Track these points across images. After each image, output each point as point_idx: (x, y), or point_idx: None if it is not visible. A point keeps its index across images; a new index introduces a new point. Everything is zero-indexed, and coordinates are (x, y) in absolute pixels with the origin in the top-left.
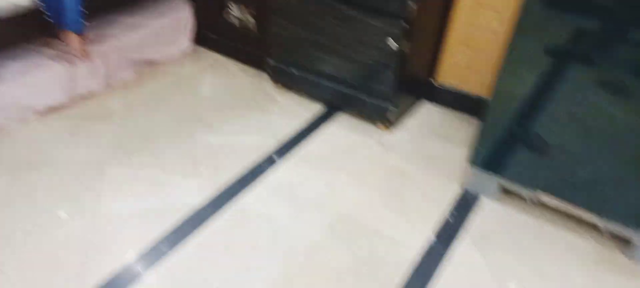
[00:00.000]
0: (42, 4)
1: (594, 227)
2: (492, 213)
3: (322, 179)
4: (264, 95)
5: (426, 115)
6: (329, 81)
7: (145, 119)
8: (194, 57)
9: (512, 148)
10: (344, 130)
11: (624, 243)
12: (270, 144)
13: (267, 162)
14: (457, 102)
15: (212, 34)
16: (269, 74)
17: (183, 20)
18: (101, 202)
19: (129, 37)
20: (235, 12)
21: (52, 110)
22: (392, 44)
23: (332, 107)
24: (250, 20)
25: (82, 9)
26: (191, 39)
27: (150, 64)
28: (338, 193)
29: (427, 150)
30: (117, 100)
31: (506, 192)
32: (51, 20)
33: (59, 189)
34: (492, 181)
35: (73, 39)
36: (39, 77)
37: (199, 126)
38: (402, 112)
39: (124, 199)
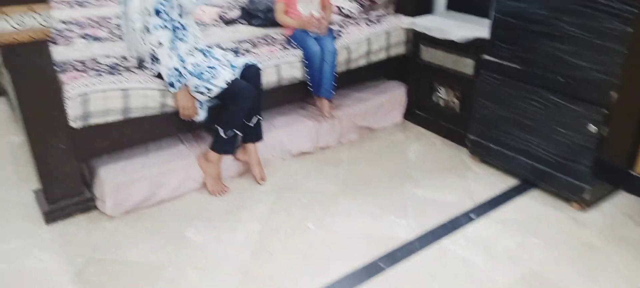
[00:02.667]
0: (308, 77)
1: None
2: None
3: (514, 239)
4: (462, 164)
5: (624, 203)
6: (525, 157)
7: (366, 169)
8: (403, 128)
9: None
10: (537, 203)
11: None
12: (467, 203)
13: (465, 217)
14: None
15: (420, 111)
16: (467, 147)
17: (398, 98)
18: (336, 223)
19: (357, 108)
20: (443, 94)
21: (302, 154)
22: (592, 128)
23: (526, 181)
24: (455, 101)
25: (334, 83)
26: (402, 113)
27: (369, 130)
28: (529, 252)
29: (622, 232)
30: (345, 153)
31: None
32: (311, 89)
33: (308, 208)
34: None
35: (324, 104)
36: (296, 129)
37: (407, 180)
38: (598, 195)
39: (352, 224)
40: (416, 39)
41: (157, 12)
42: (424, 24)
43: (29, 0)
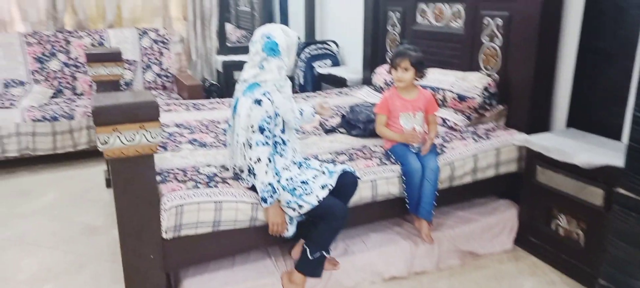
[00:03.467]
0: (405, 194)
1: None
2: None
3: None
4: None
5: None
6: None
7: None
8: (514, 257)
9: None
10: None
11: None
12: None
13: None
14: None
15: (534, 238)
16: None
17: (508, 220)
18: None
19: (460, 229)
20: (563, 223)
21: (393, 279)
22: None
23: None
24: (579, 233)
25: (435, 203)
26: (513, 239)
27: (473, 255)
28: None
29: None
30: (445, 283)
31: None
32: (408, 207)
33: None
34: None
35: (423, 225)
36: (390, 250)
37: None
38: None
39: None
40: (531, 158)
41: (262, 130)
42: (541, 143)
43: (141, 119)
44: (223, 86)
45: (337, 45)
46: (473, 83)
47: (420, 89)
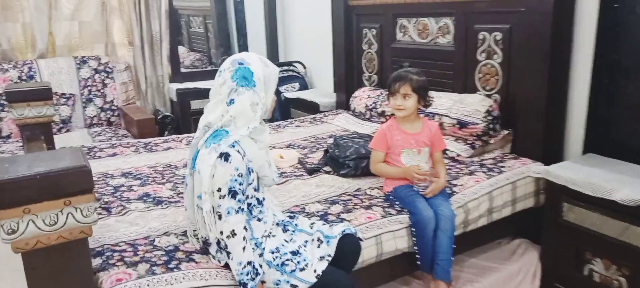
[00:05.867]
0: (416, 248)
1: None
2: None
3: None
4: None
5: None
6: None
7: None
8: None
9: None
10: None
11: None
12: None
13: None
14: None
15: (562, 285)
16: None
17: (530, 265)
18: None
19: (480, 284)
20: (599, 267)
21: None
22: None
23: None
24: (620, 279)
25: (452, 258)
26: (538, 287)
27: None
28: None
29: None
30: None
31: None
32: (420, 265)
33: None
34: None
35: (440, 286)
36: None
37: None
38: None
39: None
40: (554, 192)
41: (233, 194)
42: (565, 174)
43: (67, 192)
44: (178, 118)
45: (304, 66)
46: (473, 106)
47: (425, 120)
